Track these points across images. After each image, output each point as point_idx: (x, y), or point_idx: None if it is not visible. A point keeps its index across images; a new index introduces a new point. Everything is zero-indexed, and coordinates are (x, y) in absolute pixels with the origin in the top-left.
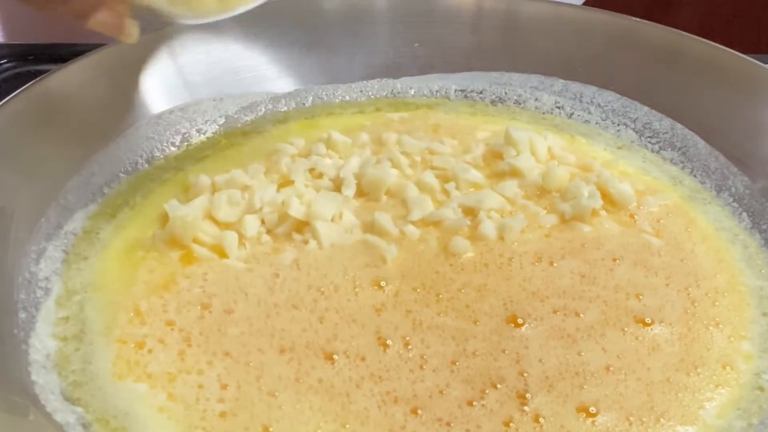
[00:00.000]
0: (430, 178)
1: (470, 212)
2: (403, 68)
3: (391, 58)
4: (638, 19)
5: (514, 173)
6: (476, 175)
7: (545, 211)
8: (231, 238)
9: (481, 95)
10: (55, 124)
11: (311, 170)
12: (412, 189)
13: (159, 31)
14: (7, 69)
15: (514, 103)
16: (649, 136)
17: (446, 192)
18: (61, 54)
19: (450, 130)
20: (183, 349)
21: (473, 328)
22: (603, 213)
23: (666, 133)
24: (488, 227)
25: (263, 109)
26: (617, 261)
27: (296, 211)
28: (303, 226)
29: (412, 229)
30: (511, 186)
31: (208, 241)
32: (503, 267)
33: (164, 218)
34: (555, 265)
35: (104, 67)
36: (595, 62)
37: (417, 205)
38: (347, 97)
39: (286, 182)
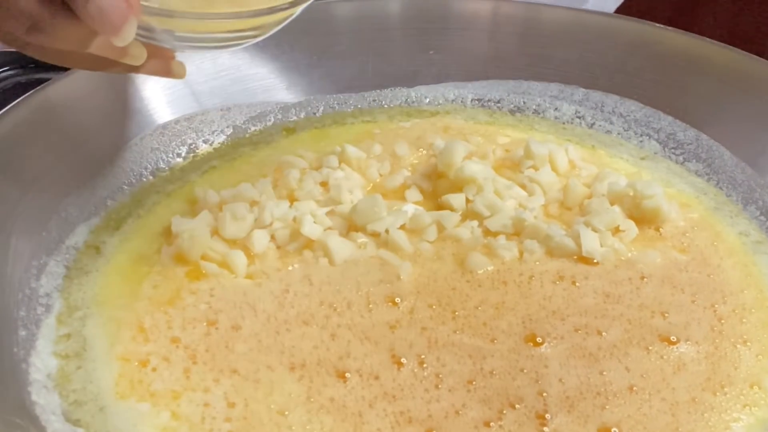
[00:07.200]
0: None
1: (489, 231)
2: (418, 77)
3: (404, 67)
4: (661, 26)
5: (533, 189)
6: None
7: (565, 231)
8: (237, 257)
9: (498, 104)
10: (56, 135)
11: (322, 184)
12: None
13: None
14: (8, 77)
15: (533, 112)
16: (673, 147)
17: None
18: None
19: (460, 131)
20: (188, 366)
21: (490, 347)
22: (629, 230)
23: (690, 143)
24: (508, 248)
25: (272, 119)
26: (645, 279)
27: (309, 230)
28: (314, 242)
29: (427, 246)
30: (531, 203)
31: (216, 258)
32: (522, 285)
33: (169, 232)
34: (578, 284)
35: (107, 76)
36: (617, 70)
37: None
38: (359, 107)
39: (295, 196)
